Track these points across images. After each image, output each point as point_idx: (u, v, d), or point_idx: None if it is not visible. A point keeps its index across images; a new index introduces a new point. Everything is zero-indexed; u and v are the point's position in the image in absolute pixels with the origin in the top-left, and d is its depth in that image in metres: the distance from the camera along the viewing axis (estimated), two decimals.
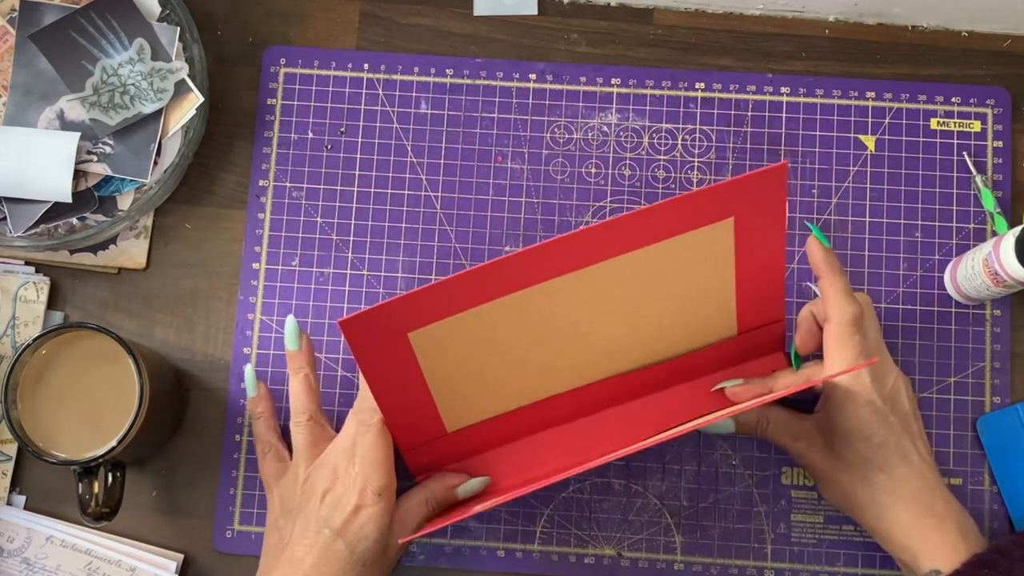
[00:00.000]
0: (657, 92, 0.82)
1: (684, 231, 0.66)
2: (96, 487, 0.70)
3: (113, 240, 0.80)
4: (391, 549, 0.71)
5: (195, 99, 0.79)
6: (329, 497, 0.70)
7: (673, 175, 0.81)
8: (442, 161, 0.81)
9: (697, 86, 0.82)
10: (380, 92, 0.82)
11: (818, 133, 0.82)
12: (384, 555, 0.71)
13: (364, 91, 0.82)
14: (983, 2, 0.80)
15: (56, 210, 0.78)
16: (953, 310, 0.80)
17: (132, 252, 0.80)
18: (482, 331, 0.68)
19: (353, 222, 0.81)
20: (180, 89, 0.79)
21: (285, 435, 0.75)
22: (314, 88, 0.82)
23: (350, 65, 0.83)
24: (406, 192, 0.81)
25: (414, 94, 0.82)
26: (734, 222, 0.67)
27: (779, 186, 0.66)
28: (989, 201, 0.80)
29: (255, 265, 0.80)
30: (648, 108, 0.82)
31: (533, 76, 0.82)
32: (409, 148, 0.82)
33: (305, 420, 0.73)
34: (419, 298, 0.66)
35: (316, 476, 0.71)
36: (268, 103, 0.82)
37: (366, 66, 0.83)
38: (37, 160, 0.76)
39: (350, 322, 0.65)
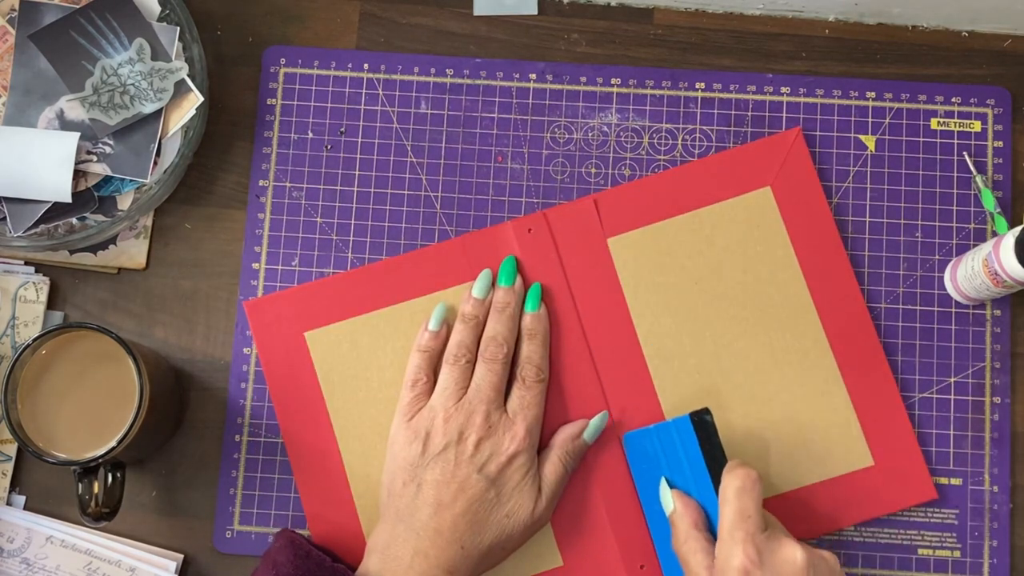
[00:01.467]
0: (657, 92, 0.82)
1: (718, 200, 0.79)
2: (96, 487, 0.70)
3: (113, 240, 0.80)
4: (536, 512, 0.72)
5: (195, 99, 0.79)
6: (486, 444, 0.71)
7: None
8: (442, 161, 0.81)
9: (697, 86, 0.82)
10: (380, 92, 0.82)
11: (818, 133, 0.82)
12: (529, 516, 0.72)
13: (364, 91, 0.82)
14: (983, 2, 0.80)
15: (56, 210, 0.78)
16: (953, 310, 0.80)
17: (132, 252, 0.80)
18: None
19: (353, 222, 0.81)
20: (180, 89, 0.79)
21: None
22: (314, 88, 0.82)
23: (350, 65, 0.83)
24: (406, 192, 0.81)
25: (414, 94, 0.82)
26: (771, 190, 0.79)
27: (800, 152, 0.79)
28: (989, 201, 0.80)
29: (255, 265, 0.80)
30: (648, 108, 0.82)
31: (533, 76, 0.82)
32: (409, 148, 0.82)
33: (464, 362, 0.74)
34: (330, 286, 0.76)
35: (467, 421, 0.72)
36: (268, 103, 0.82)
37: (366, 66, 0.83)
38: (37, 160, 0.76)
39: (254, 304, 0.78)
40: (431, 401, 0.74)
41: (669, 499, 0.71)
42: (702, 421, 0.71)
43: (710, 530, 0.69)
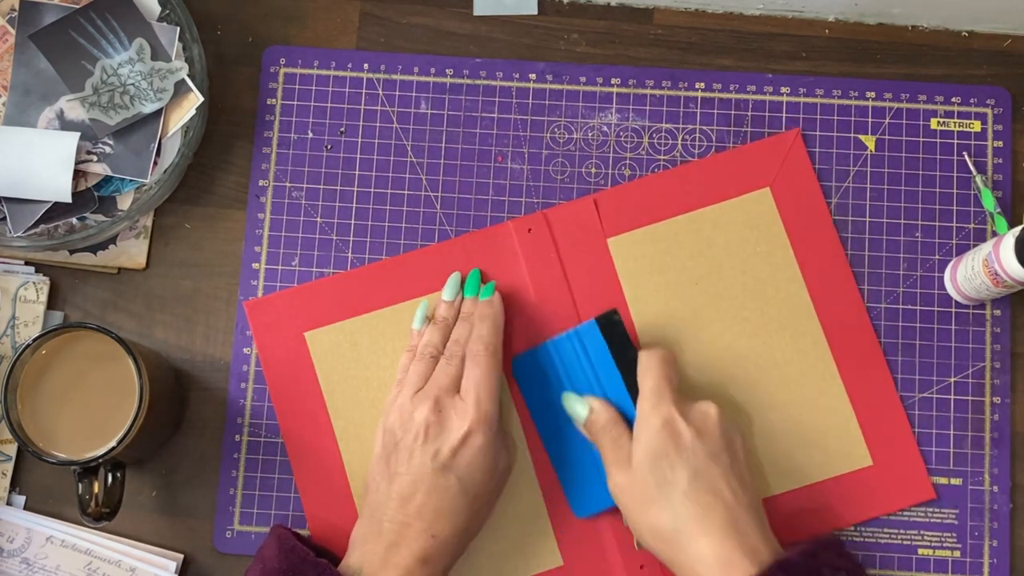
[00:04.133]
0: (657, 92, 0.82)
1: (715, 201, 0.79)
2: (96, 487, 0.70)
3: (113, 240, 0.80)
4: (499, 473, 0.73)
5: (195, 99, 0.79)
6: (435, 430, 0.71)
7: None
8: (442, 161, 0.81)
9: (697, 86, 0.82)
10: (380, 92, 0.82)
11: (818, 133, 0.82)
12: (493, 482, 0.72)
13: (364, 91, 0.82)
14: (983, 2, 0.80)
15: (56, 210, 0.78)
16: (953, 310, 0.80)
17: (132, 252, 0.80)
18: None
19: (353, 222, 0.81)
20: (180, 89, 0.79)
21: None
22: (314, 88, 0.82)
23: (350, 65, 0.83)
24: (406, 192, 0.81)
25: (414, 94, 0.82)
26: (771, 191, 0.79)
27: (799, 153, 0.79)
28: (989, 201, 0.80)
29: (255, 265, 0.80)
30: (648, 108, 0.82)
31: (533, 76, 0.82)
32: (409, 148, 0.82)
33: (429, 358, 0.74)
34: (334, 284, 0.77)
35: (416, 412, 0.72)
36: (268, 103, 0.82)
37: (366, 66, 0.83)
38: (37, 160, 0.76)
39: (254, 305, 0.78)
40: (398, 398, 0.74)
41: (581, 404, 0.73)
42: (610, 323, 0.72)
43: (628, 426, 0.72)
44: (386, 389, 0.77)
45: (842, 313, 0.78)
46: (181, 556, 0.77)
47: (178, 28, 0.79)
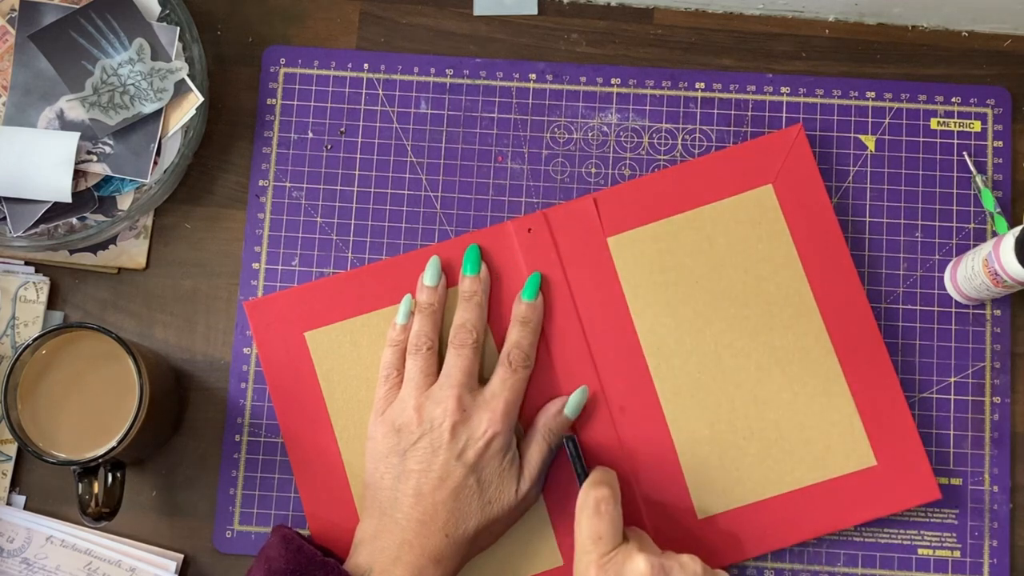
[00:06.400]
0: (657, 92, 0.82)
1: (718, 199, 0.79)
2: (96, 487, 0.70)
3: (113, 240, 0.80)
4: (520, 493, 0.72)
5: (195, 99, 0.79)
6: (461, 430, 0.71)
7: None
8: (442, 161, 0.81)
9: (697, 86, 0.82)
10: (380, 92, 0.82)
11: (818, 133, 0.82)
12: (513, 498, 0.72)
13: (364, 91, 0.82)
14: (983, 2, 0.80)
15: (56, 210, 0.78)
16: (953, 310, 0.80)
17: (132, 252, 0.80)
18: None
19: (353, 222, 0.81)
20: (180, 89, 0.79)
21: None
22: (314, 88, 0.82)
23: (350, 65, 0.83)
24: (406, 192, 0.81)
25: (414, 94, 0.82)
26: (773, 188, 0.79)
27: (802, 150, 0.79)
28: (989, 201, 0.80)
29: (255, 265, 0.80)
30: (648, 108, 0.82)
31: (533, 76, 0.82)
32: (409, 148, 0.82)
33: (426, 350, 0.74)
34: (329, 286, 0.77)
35: (440, 408, 0.71)
36: (268, 103, 0.82)
37: (366, 66, 0.83)
38: (37, 160, 0.76)
39: (254, 305, 0.78)
40: (400, 393, 0.74)
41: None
42: (569, 441, 0.73)
43: None
44: None
45: (846, 311, 0.78)
46: (181, 556, 0.77)
47: (178, 28, 0.79)
